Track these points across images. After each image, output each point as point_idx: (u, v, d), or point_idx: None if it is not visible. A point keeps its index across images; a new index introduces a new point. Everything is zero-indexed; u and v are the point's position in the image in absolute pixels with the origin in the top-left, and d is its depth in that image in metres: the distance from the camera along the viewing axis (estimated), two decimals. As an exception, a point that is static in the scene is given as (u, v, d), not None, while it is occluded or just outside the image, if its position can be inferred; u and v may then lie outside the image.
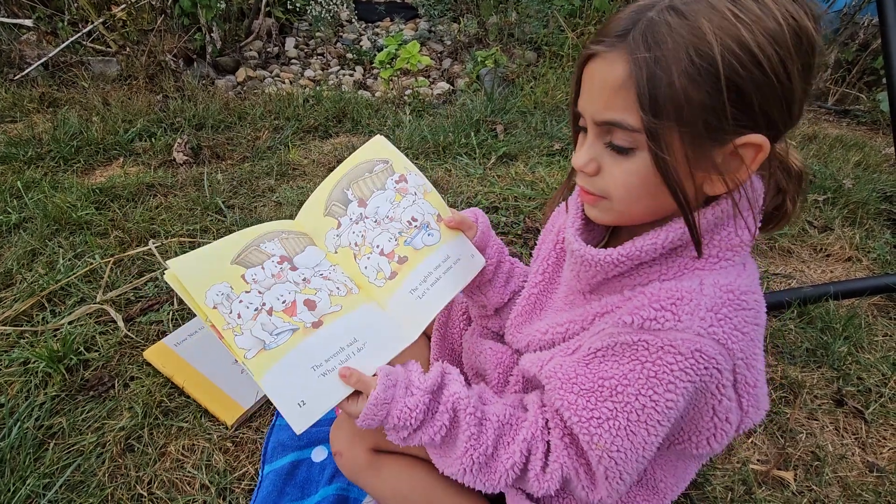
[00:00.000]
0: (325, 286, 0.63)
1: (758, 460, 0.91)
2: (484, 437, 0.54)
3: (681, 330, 0.44)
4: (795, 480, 0.87)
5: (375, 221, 0.68)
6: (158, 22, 2.17)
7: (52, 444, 0.86)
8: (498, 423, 0.55)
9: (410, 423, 0.55)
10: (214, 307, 0.56)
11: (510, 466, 0.53)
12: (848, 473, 0.89)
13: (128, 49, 2.17)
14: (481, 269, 0.70)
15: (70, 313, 1.09)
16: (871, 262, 1.39)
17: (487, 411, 0.56)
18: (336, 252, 0.67)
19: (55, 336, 1.04)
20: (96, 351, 1.02)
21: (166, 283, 1.16)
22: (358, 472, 0.65)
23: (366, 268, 0.67)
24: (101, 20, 2.18)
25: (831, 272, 1.36)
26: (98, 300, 1.12)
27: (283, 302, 0.59)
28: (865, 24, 2.28)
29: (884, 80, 2.27)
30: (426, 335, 0.85)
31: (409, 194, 0.71)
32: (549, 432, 0.54)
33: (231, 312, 0.56)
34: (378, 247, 0.67)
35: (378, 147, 0.72)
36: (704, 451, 0.48)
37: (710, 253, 0.48)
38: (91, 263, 1.22)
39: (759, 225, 0.49)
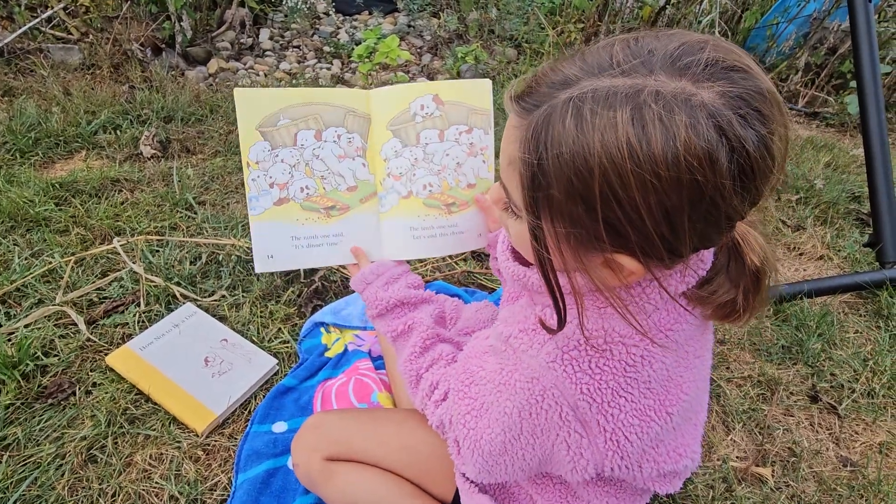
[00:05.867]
0: (333, 174, 0.73)
1: (737, 457, 0.92)
2: (421, 359, 0.66)
3: (530, 356, 0.48)
4: (773, 476, 0.89)
5: (436, 161, 0.74)
6: (124, 9, 2.07)
7: (5, 457, 0.80)
8: (437, 354, 0.67)
9: (373, 309, 0.70)
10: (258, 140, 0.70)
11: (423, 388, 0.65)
12: (823, 469, 0.91)
13: (91, 36, 2.06)
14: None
15: (26, 315, 1.02)
16: (841, 260, 1.43)
17: (438, 346, 0.68)
18: (382, 155, 0.73)
19: (9, 340, 0.97)
20: (55, 356, 0.96)
21: (132, 284, 1.12)
22: (313, 479, 0.70)
23: (391, 185, 0.74)
24: (61, 5, 2.07)
25: (804, 270, 1.39)
26: (57, 301, 1.06)
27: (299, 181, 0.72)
28: (834, 28, 2.34)
29: (851, 84, 2.34)
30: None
31: (471, 156, 0.77)
32: (444, 381, 0.63)
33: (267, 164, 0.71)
34: (424, 183, 0.74)
35: (482, 92, 0.75)
36: (571, 480, 0.52)
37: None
38: (50, 262, 1.15)
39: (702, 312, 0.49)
